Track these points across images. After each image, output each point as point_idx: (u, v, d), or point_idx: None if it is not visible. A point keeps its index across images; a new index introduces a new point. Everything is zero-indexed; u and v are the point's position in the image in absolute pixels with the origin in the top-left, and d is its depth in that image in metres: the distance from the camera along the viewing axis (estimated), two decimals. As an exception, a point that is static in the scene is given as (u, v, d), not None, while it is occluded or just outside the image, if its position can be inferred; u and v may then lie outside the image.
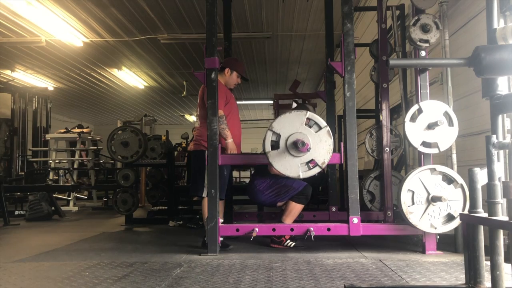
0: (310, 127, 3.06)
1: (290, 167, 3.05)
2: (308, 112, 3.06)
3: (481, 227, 1.80)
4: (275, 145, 3.05)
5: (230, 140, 3.58)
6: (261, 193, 3.69)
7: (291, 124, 3.05)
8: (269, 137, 3.06)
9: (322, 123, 3.08)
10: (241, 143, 3.93)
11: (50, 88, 11.35)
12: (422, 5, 3.34)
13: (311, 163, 3.05)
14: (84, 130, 8.85)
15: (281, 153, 3.04)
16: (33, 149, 9.30)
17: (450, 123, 3.14)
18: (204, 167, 3.46)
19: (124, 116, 15.83)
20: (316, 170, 3.07)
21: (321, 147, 3.05)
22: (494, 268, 1.66)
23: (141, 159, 5.76)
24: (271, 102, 8.87)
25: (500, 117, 1.87)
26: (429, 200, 3.04)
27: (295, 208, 3.59)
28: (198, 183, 3.64)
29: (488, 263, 1.69)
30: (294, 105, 6.50)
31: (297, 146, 2.98)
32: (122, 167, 6.47)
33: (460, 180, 3.02)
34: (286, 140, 3.03)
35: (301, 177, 3.06)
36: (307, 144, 2.98)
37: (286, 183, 3.61)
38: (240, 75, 3.89)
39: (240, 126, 3.90)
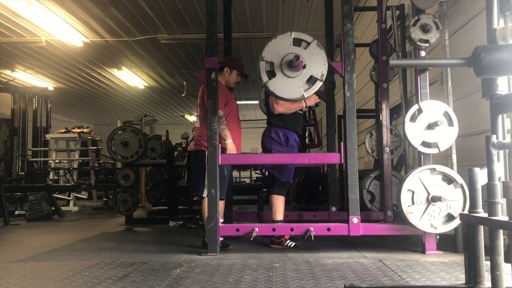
0: (299, 46, 3.07)
1: (292, 89, 3.03)
2: (293, 32, 3.07)
3: (481, 227, 1.80)
4: (271, 74, 3.04)
5: (229, 141, 3.58)
6: (269, 142, 3.70)
7: (280, 47, 3.05)
8: (263, 67, 3.05)
9: (309, 38, 3.09)
10: (241, 143, 3.93)
11: (50, 88, 11.35)
12: (422, 5, 3.34)
13: (311, 80, 3.03)
14: (84, 130, 8.86)
15: (279, 79, 3.03)
16: (33, 149, 9.31)
17: (450, 123, 3.14)
18: (204, 167, 3.46)
19: (124, 116, 15.82)
20: (318, 85, 3.05)
21: (316, 61, 3.05)
22: (494, 268, 1.66)
23: (141, 159, 5.76)
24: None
25: (500, 117, 1.87)
26: (429, 200, 3.04)
27: (278, 201, 3.64)
28: (198, 183, 3.64)
29: (488, 263, 1.69)
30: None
31: (292, 64, 2.96)
32: (122, 167, 6.47)
33: (460, 180, 3.02)
34: (280, 64, 3.02)
35: (305, 96, 3.05)
36: (301, 60, 2.96)
37: (283, 167, 3.66)
38: (240, 72, 3.89)
39: (240, 127, 3.90)
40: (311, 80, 3.04)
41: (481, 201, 1.80)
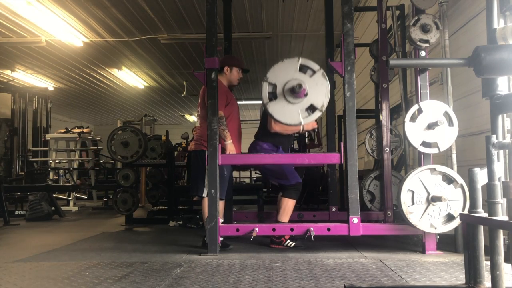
0: (304, 73, 3.04)
1: (291, 114, 3.02)
2: (301, 58, 3.05)
3: (481, 227, 1.80)
4: (272, 96, 3.03)
5: (229, 141, 3.57)
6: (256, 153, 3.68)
7: (285, 72, 3.03)
8: (266, 88, 3.04)
9: (316, 66, 3.06)
10: (241, 143, 3.93)
11: (50, 88, 11.35)
12: (422, 5, 3.34)
13: (311, 108, 3.02)
14: (84, 130, 8.86)
15: (280, 102, 3.01)
16: (33, 149, 9.31)
17: (450, 123, 3.14)
18: (204, 167, 3.46)
19: (124, 116, 15.82)
20: (317, 114, 3.04)
21: (318, 91, 3.03)
22: (494, 268, 1.66)
23: (141, 159, 5.76)
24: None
25: (500, 117, 1.87)
26: (429, 200, 3.04)
27: (288, 204, 3.61)
28: (198, 183, 3.64)
29: (488, 263, 1.69)
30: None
31: (294, 91, 2.95)
32: (122, 167, 6.47)
33: (460, 180, 3.02)
34: (283, 89, 3.01)
35: (302, 123, 3.04)
36: (304, 88, 2.95)
37: (284, 170, 3.62)
38: (240, 68, 3.89)
39: (240, 127, 3.90)
40: (311, 108, 3.03)
41: (481, 201, 1.80)
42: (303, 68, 3.04)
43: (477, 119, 3.48)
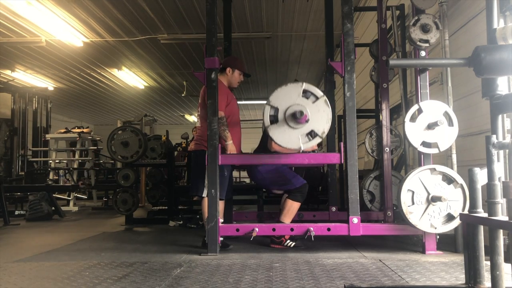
0: (307, 98, 3.05)
1: (290, 139, 3.03)
2: (304, 83, 3.06)
3: (481, 227, 1.80)
4: (274, 119, 3.04)
5: (230, 142, 3.57)
6: (259, 174, 3.70)
7: (288, 96, 3.04)
8: (268, 111, 3.05)
9: (319, 93, 3.07)
10: (241, 143, 3.93)
11: (50, 88, 11.35)
12: (422, 5, 3.34)
13: (311, 134, 3.03)
14: (84, 130, 8.86)
15: (281, 126, 3.03)
16: (33, 149, 9.31)
17: (450, 123, 3.14)
18: (204, 167, 3.46)
19: (124, 116, 15.82)
20: (316, 141, 3.05)
21: (320, 117, 3.04)
22: (494, 268, 1.66)
23: (141, 159, 5.76)
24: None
25: (500, 117, 1.87)
26: (429, 200, 3.04)
27: (293, 206, 3.60)
28: (198, 183, 3.63)
29: (488, 263, 1.69)
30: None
31: (296, 117, 2.96)
32: (122, 167, 6.47)
33: (460, 180, 3.02)
34: (285, 113, 3.01)
35: (302, 148, 3.04)
36: (305, 115, 2.96)
37: (286, 175, 3.62)
38: (242, 72, 3.89)
39: (240, 127, 3.90)
40: (312, 134, 3.04)
41: (481, 201, 1.80)
42: (306, 93, 3.05)
43: (477, 119, 3.48)
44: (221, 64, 3.97)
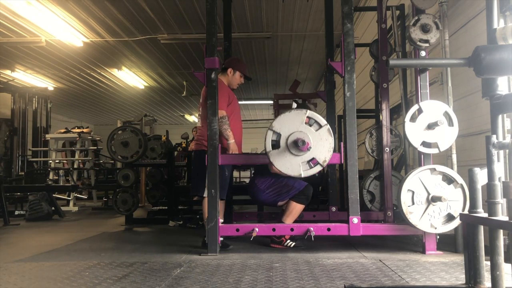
0: (311, 125, 3.06)
1: (291, 166, 3.04)
2: (308, 111, 3.06)
3: (481, 227, 1.80)
4: (275, 145, 3.05)
5: (232, 141, 3.58)
6: (262, 192, 3.69)
7: (291, 123, 3.05)
8: (270, 136, 3.06)
9: (322, 121, 3.08)
10: (241, 143, 3.93)
11: (50, 88, 11.35)
12: (422, 5, 3.34)
13: (312, 161, 3.04)
14: (84, 130, 8.86)
15: (282, 152, 3.04)
16: (33, 149, 9.31)
17: (450, 123, 3.14)
18: (205, 167, 3.46)
19: (124, 116, 15.82)
20: (317, 169, 3.06)
21: (322, 146, 3.04)
22: (494, 268, 1.66)
23: (141, 159, 5.76)
24: (271, 102, 8.88)
25: (500, 117, 1.87)
26: (429, 200, 3.04)
27: (296, 208, 3.59)
28: (199, 183, 3.63)
29: (488, 263, 1.69)
30: (294, 105, 6.51)
31: (298, 145, 2.98)
32: (122, 167, 6.47)
33: (460, 180, 3.02)
34: (287, 139, 3.02)
35: (302, 176, 3.06)
36: (307, 143, 2.98)
37: (287, 182, 3.61)
38: (243, 74, 3.89)
39: (241, 127, 3.90)
40: (313, 162, 3.05)
41: (481, 201, 1.80)
42: (309, 121, 3.06)
43: (477, 119, 3.48)
44: (223, 64, 3.98)
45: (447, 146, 3.17)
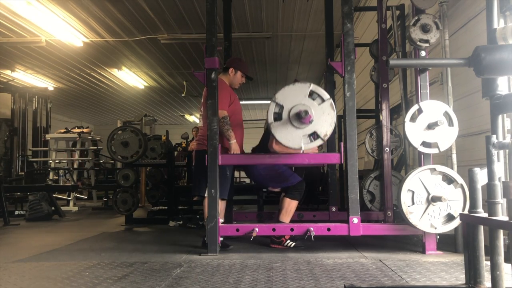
0: (314, 99, 3.04)
1: (292, 138, 3.03)
2: (312, 84, 3.05)
3: (481, 227, 1.80)
4: (277, 117, 3.03)
5: (233, 141, 3.57)
6: (256, 171, 3.71)
7: (295, 95, 3.03)
8: (272, 108, 3.04)
9: (326, 95, 3.06)
10: (243, 143, 3.93)
11: (50, 88, 11.35)
12: (422, 5, 3.34)
13: (313, 135, 3.03)
14: (84, 130, 8.86)
15: (284, 124, 3.02)
16: (33, 149, 9.31)
17: (450, 123, 3.14)
18: (206, 167, 3.45)
19: (124, 116, 15.82)
20: (318, 142, 3.05)
21: (324, 120, 3.03)
22: (494, 268, 1.66)
23: (141, 159, 5.76)
24: (271, 102, 8.86)
25: (500, 117, 1.87)
26: (429, 200, 3.04)
27: (291, 205, 3.60)
28: (200, 183, 3.63)
29: (488, 263, 1.69)
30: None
31: (300, 116, 2.95)
32: (122, 167, 6.47)
33: (460, 180, 3.02)
34: (289, 112, 3.01)
35: (302, 149, 3.03)
36: (310, 115, 2.95)
37: (284, 173, 3.62)
38: (245, 74, 3.89)
39: (242, 127, 3.90)
40: (314, 135, 3.04)
41: (481, 201, 1.80)
42: (312, 95, 3.04)
43: (477, 119, 3.48)
44: (225, 63, 3.98)
45: (447, 146, 3.17)
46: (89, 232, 4.70)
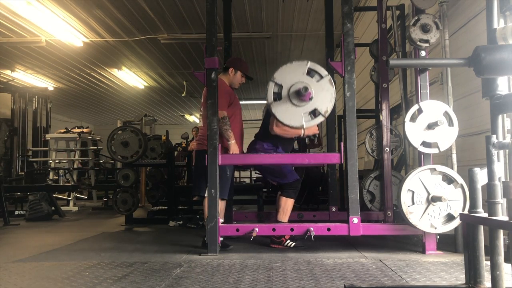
0: (312, 77, 3.04)
1: (293, 116, 3.02)
2: (309, 62, 3.05)
3: (481, 227, 1.80)
4: (277, 97, 3.03)
5: (233, 141, 3.57)
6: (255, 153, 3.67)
7: (293, 74, 3.03)
8: (271, 88, 3.04)
9: (324, 72, 3.06)
10: (243, 143, 3.93)
11: (50, 88, 11.35)
12: (422, 5, 3.34)
13: (314, 113, 3.02)
14: (84, 130, 8.86)
15: (284, 103, 3.02)
16: (33, 149, 9.31)
17: (450, 123, 3.14)
18: (206, 167, 3.45)
19: (124, 116, 15.81)
20: (319, 119, 3.04)
21: (324, 96, 3.03)
22: (494, 268, 1.66)
23: (141, 159, 5.76)
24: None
25: (500, 117, 1.87)
26: (429, 200, 3.04)
27: (287, 203, 3.61)
28: (200, 183, 3.63)
29: (488, 263, 1.69)
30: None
31: (300, 93, 2.95)
32: (122, 167, 6.47)
33: (460, 180, 3.02)
34: (289, 90, 3.01)
35: (304, 126, 3.03)
36: (309, 92, 2.95)
37: (283, 168, 3.63)
38: (245, 74, 3.89)
39: (242, 127, 3.90)
40: (315, 113, 3.04)
41: (481, 201, 1.80)
42: (310, 72, 3.04)
43: (477, 119, 3.48)
44: (225, 63, 3.98)
45: (447, 146, 3.17)
46: (89, 232, 4.70)
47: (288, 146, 3.78)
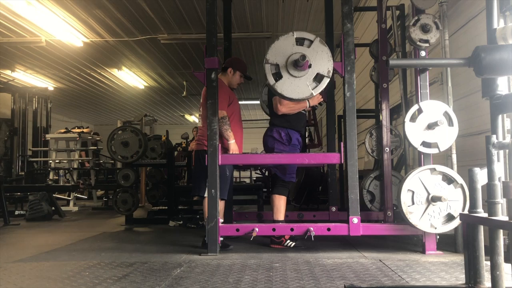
0: (302, 45, 3.04)
1: (300, 89, 3.01)
2: (295, 32, 3.05)
3: (481, 227, 1.80)
4: (277, 76, 3.03)
5: (232, 141, 3.58)
6: (271, 144, 3.71)
7: (284, 48, 3.02)
8: (269, 69, 3.03)
9: (311, 36, 3.06)
10: (243, 143, 3.93)
11: (50, 88, 11.35)
12: (422, 5, 3.34)
13: (317, 78, 3.01)
14: (84, 130, 8.86)
15: (286, 80, 3.01)
16: (33, 149, 9.31)
17: (450, 123, 3.14)
18: (206, 167, 3.46)
19: (124, 116, 15.83)
20: (325, 81, 3.03)
21: (320, 58, 3.03)
22: (494, 268, 1.66)
23: (141, 159, 5.76)
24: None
25: (500, 117, 1.87)
26: (429, 200, 3.04)
27: (280, 201, 3.63)
28: (200, 183, 3.64)
29: (488, 263, 1.69)
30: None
31: (298, 64, 2.94)
32: (122, 167, 6.47)
33: (460, 180, 3.02)
34: (286, 66, 3.00)
35: (313, 94, 3.03)
36: (307, 60, 2.95)
37: (286, 166, 3.66)
38: (243, 74, 3.89)
39: (242, 127, 3.91)
40: (318, 78, 3.03)
41: (481, 201, 1.80)
42: (299, 41, 3.05)
43: (477, 119, 3.48)
44: (224, 63, 3.98)
45: (447, 146, 3.17)
46: (89, 232, 4.70)
47: (298, 122, 3.77)
